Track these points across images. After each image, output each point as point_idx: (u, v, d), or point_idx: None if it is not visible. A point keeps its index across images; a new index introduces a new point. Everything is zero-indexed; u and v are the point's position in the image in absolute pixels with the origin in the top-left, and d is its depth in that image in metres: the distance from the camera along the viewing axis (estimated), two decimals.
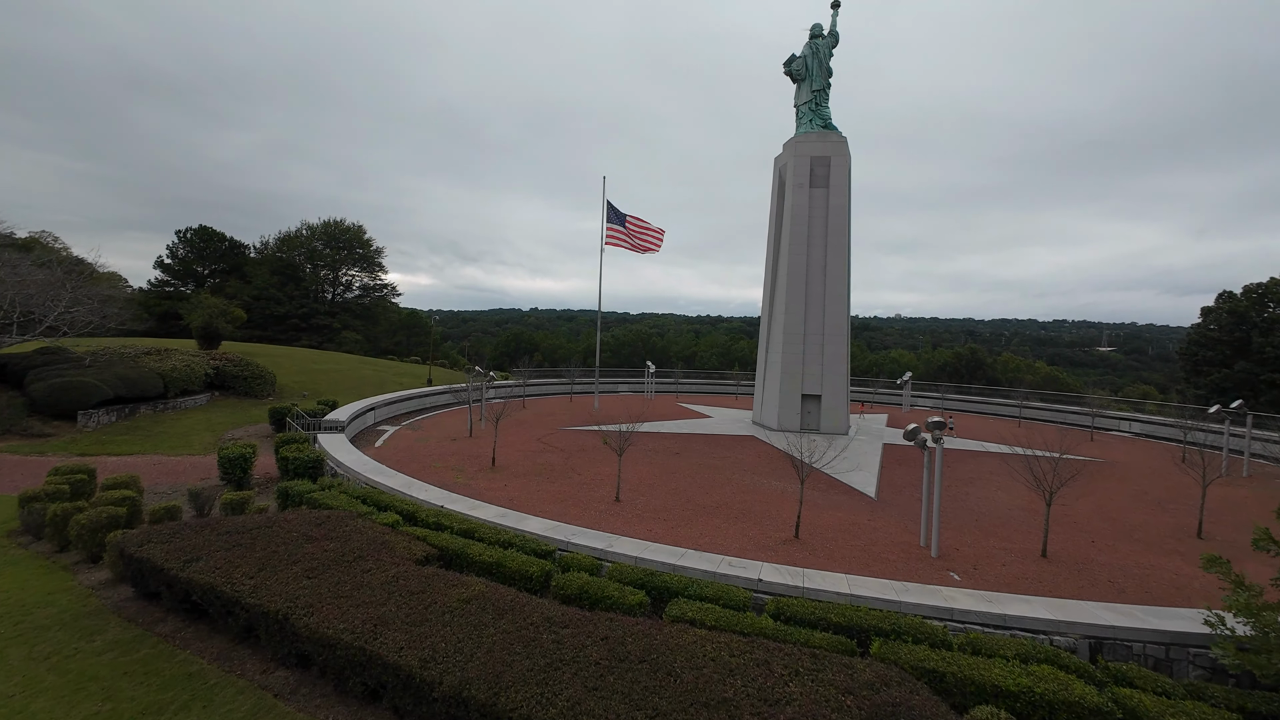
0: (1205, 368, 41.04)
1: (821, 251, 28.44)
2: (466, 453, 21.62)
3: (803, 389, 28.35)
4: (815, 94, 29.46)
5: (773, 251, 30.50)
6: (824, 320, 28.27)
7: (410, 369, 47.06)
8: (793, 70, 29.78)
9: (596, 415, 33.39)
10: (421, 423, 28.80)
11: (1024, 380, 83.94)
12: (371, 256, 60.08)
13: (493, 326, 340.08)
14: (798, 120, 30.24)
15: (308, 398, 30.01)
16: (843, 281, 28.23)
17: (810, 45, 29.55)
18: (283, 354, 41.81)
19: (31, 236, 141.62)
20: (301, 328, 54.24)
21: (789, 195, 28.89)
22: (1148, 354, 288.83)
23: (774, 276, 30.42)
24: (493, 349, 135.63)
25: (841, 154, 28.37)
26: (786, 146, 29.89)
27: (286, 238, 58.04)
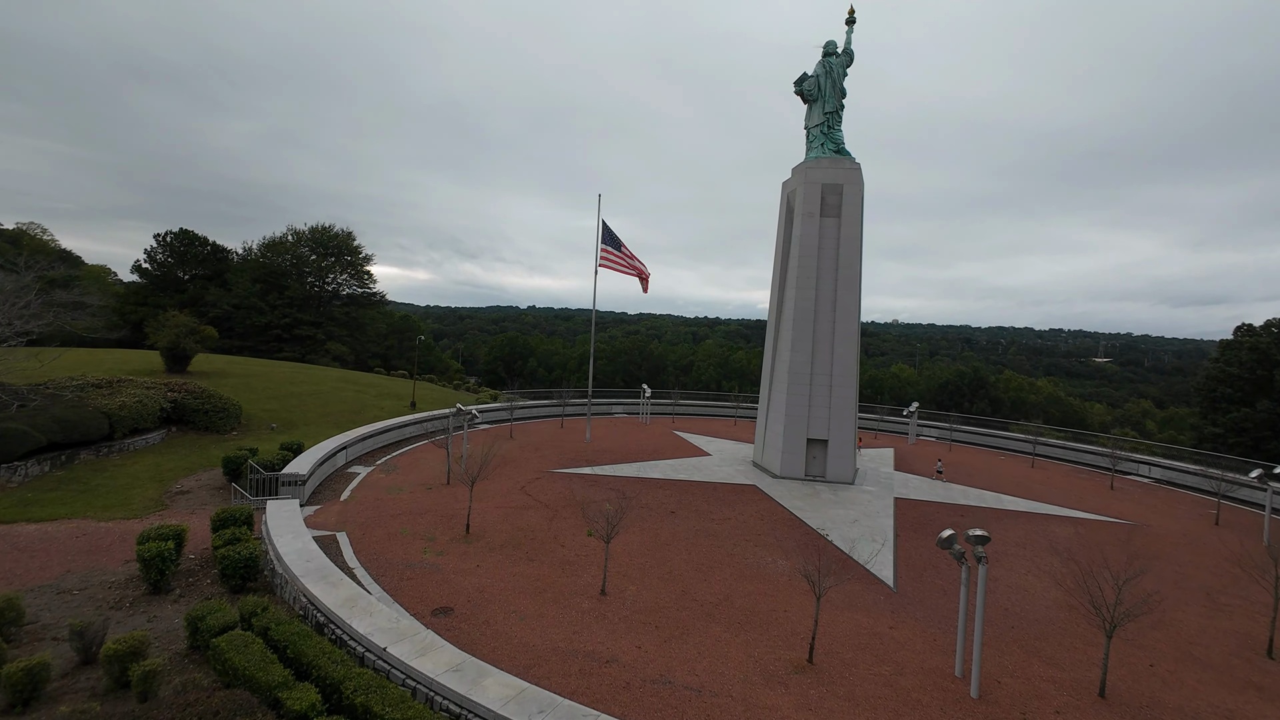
0: (1224, 405, 39.38)
1: (831, 286, 26.52)
2: (441, 509, 19.59)
3: (808, 433, 26.42)
4: (828, 116, 27.53)
5: (779, 283, 28.55)
6: (832, 361, 26.35)
7: (395, 387, 44.94)
8: (804, 90, 27.84)
9: (588, 450, 31.41)
10: (398, 461, 26.74)
11: (1027, 402, 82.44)
12: (360, 264, 57.84)
13: (489, 325, 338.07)
14: (808, 143, 28.31)
15: (276, 431, 27.90)
16: (854, 319, 26.31)
17: (823, 64, 27.62)
18: (259, 372, 39.63)
19: (19, 228, 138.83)
20: (284, 338, 52.01)
21: (798, 224, 26.96)
22: (1144, 365, 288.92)
23: (779, 310, 28.48)
24: (487, 353, 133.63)
25: (855, 182, 26.45)
26: (796, 172, 27.95)
27: (272, 243, 55.70)
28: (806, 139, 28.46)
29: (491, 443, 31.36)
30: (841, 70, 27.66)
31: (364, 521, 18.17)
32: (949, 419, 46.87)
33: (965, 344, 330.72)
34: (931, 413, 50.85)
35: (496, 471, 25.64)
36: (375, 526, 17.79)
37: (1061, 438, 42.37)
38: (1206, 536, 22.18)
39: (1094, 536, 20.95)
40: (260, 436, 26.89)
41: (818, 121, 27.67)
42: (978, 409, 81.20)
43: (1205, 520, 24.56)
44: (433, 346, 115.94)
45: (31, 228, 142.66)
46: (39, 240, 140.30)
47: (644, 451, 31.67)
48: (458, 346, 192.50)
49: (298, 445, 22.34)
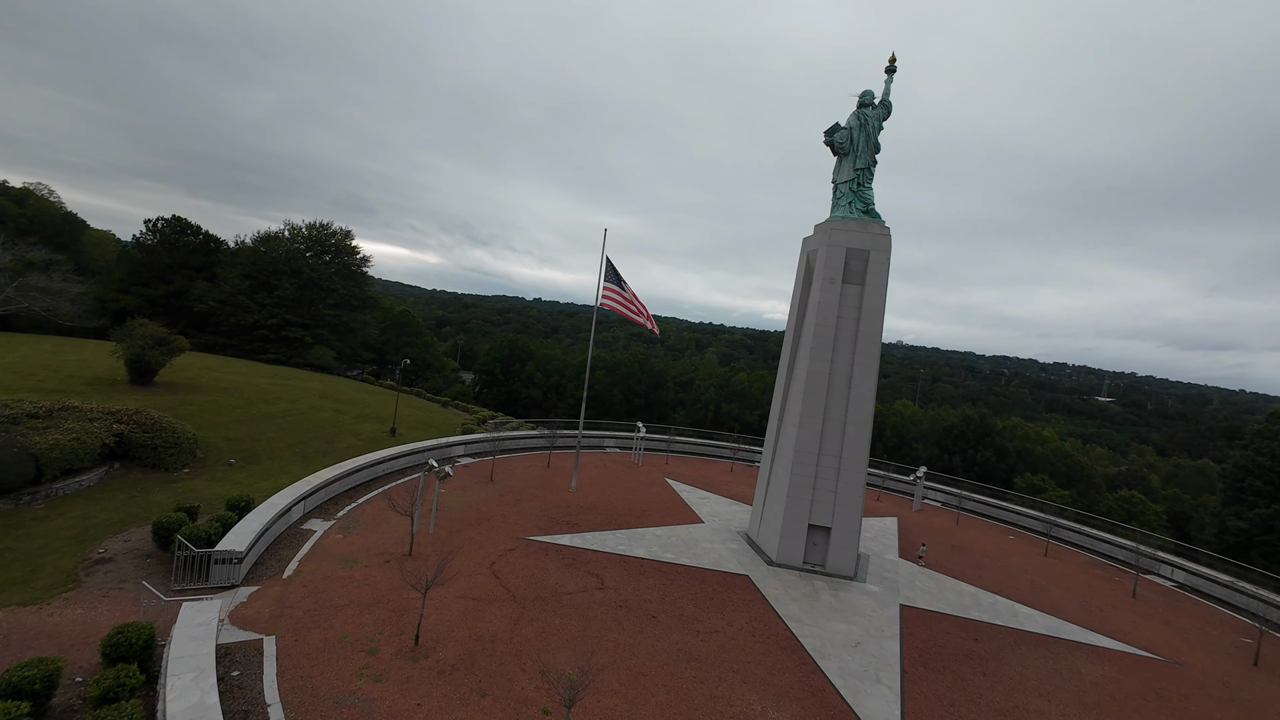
0: (1251, 498, 37.06)
1: (848, 361, 24.27)
2: (394, 600, 17.38)
3: (810, 518, 24.19)
4: (859, 173, 25.26)
5: (790, 347, 26.29)
6: (843, 443, 24.10)
7: (377, 405, 42.70)
8: (835, 142, 25.55)
9: (572, 503, 29.21)
10: (363, 513, 24.53)
11: (1033, 454, 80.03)
12: (356, 266, 55.57)
13: (493, 315, 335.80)
14: (834, 200, 26.05)
15: (234, 467, 25.70)
16: (869, 400, 24.05)
17: (858, 116, 25.35)
18: (233, 385, 37.44)
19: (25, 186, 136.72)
20: (270, 339, 49.86)
21: (817, 289, 24.69)
22: (1146, 408, 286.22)
23: (789, 377, 26.24)
24: (486, 353, 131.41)
25: (882, 249, 24.19)
26: (819, 230, 25.69)
27: (266, 237, 53.48)
28: (833, 194, 26.20)
29: (469, 488, 29.19)
30: (878, 123, 25.41)
31: (302, 617, 15.97)
32: (959, 483, 44.57)
33: (969, 372, 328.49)
34: (938, 474, 48.59)
35: (468, 533, 23.47)
36: (313, 626, 15.59)
37: (1074, 514, 40.06)
38: (1247, 687, 19.87)
39: (1127, 683, 18.69)
40: (215, 474, 24.71)
41: (847, 178, 25.40)
42: (982, 458, 78.96)
43: (1243, 658, 22.24)
44: (431, 344, 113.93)
45: (38, 188, 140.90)
46: (45, 201, 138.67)
47: (632, 510, 29.46)
48: (458, 340, 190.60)
49: (246, 502, 20.15)
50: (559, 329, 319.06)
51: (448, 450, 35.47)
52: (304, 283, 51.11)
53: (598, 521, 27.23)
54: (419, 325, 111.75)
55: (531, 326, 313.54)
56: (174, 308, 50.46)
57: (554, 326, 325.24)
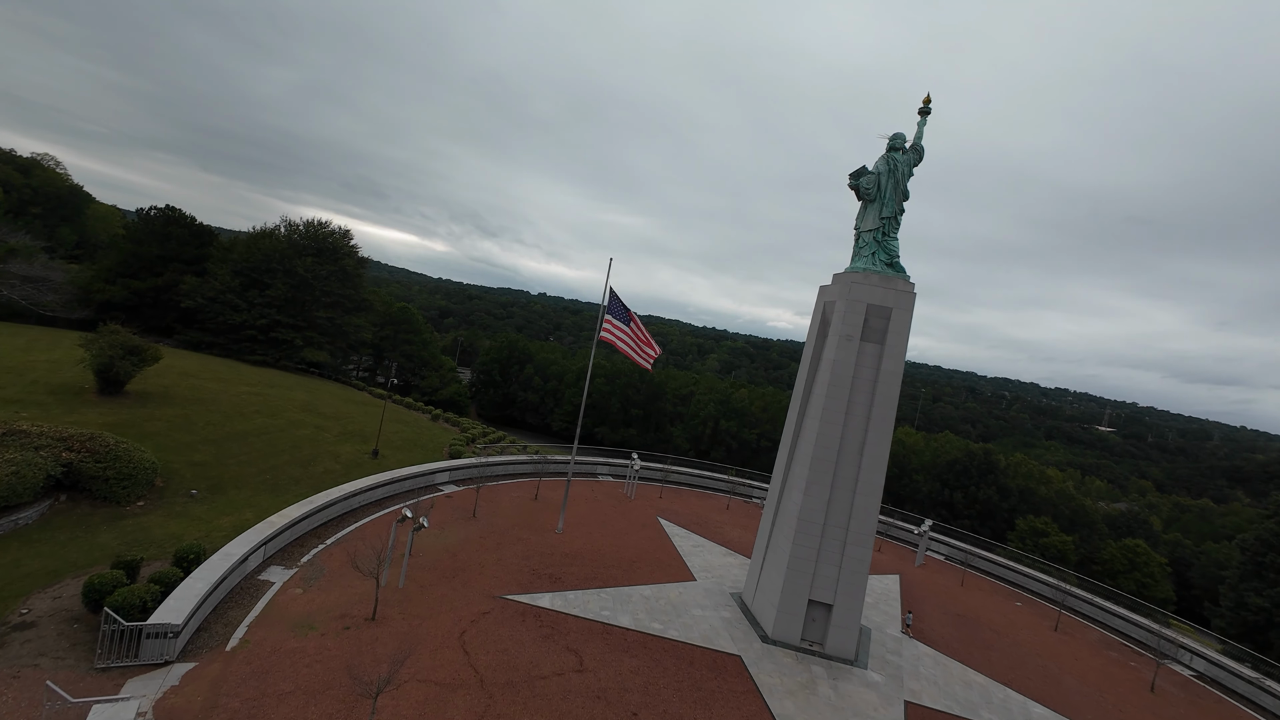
0: (1272, 575, 35.19)
1: (862, 425, 22.44)
2: (344, 690, 15.56)
3: (810, 593, 22.37)
4: (884, 222, 23.43)
5: (800, 404, 24.46)
6: (850, 515, 22.27)
7: (363, 420, 40.86)
8: (860, 186, 23.71)
9: (557, 549, 27.43)
10: (329, 558, 22.74)
11: (1037, 494, 78.00)
12: (353, 269, 53.75)
13: (497, 308, 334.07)
14: (856, 248, 24.21)
15: (195, 499, 23.92)
16: (880, 469, 22.23)
17: (887, 160, 23.52)
18: (210, 395, 35.66)
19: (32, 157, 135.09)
20: (259, 340, 48.07)
21: (832, 346, 22.85)
22: (1146, 440, 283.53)
23: (796, 435, 24.41)
24: (484, 354, 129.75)
25: (905, 307, 22.36)
26: (838, 281, 23.85)
27: (261, 234, 51.65)
28: (855, 242, 24.35)
29: (449, 526, 27.38)
30: (908, 170, 23.60)
31: (238, 709, 14.18)
32: (964, 536, 42.73)
33: (969, 393, 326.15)
34: (941, 520, 46.74)
35: (441, 588, 21.68)
36: None
37: (1083, 581, 38.22)
38: None
39: None
40: (173, 508, 22.93)
41: (871, 226, 23.56)
42: (984, 495, 77.12)
43: None
44: (429, 341, 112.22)
45: (45, 158, 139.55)
46: (51, 172, 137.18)
47: (620, 560, 27.66)
48: (459, 335, 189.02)
49: (196, 554, 18.37)
50: (561, 326, 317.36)
51: (431, 478, 33.73)
52: (297, 283, 49.34)
53: (582, 575, 25.45)
54: (418, 322, 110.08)
55: (534, 322, 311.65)
56: (161, 302, 48.82)
57: (556, 323, 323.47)
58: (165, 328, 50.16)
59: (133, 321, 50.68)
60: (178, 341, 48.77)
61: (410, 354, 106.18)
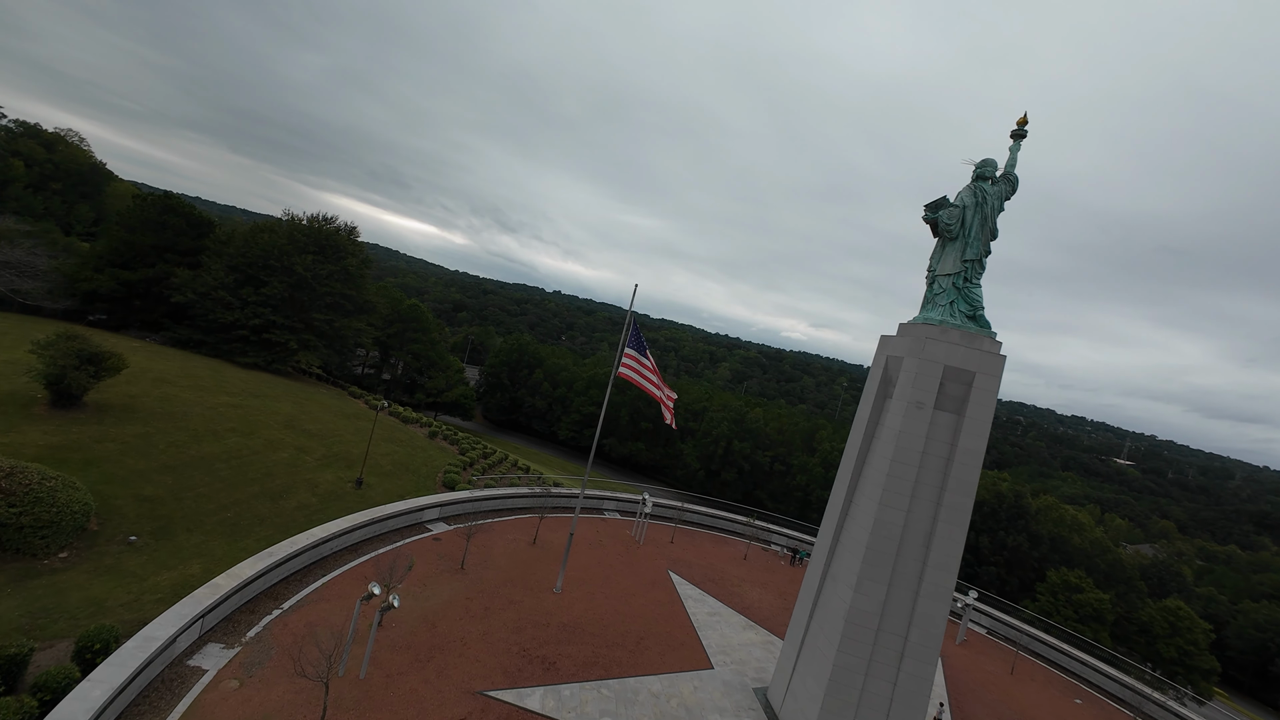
0: None
1: (930, 512, 18.48)
2: None
3: (856, 714, 18.40)
4: (967, 266, 19.46)
5: (851, 477, 20.52)
6: (911, 622, 18.29)
7: (349, 440, 37.42)
8: (940, 221, 19.74)
9: (553, 616, 23.71)
10: (279, 633, 19.17)
11: (1069, 543, 72.92)
12: (356, 270, 50.53)
13: (511, 305, 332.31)
14: (930, 295, 20.23)
15: (134, 547, 20.48)
16: (951, 570, 18.24)
17: (974, 191, 19.57)
18: (181, 406, 32.40)
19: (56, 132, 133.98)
20: (251, 341, 45.00)
21: (897, 412, 18.91)
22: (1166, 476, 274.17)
23: (845, 514, 20.48)
24: (493, 356, 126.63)
25: (992, 372, 18.37)
26: (907, 334, 19.89)
27: (261, 227, 48.63)
28: (929, 288, 20.38)
29: (432, 581, 23.70)
30: (999, 203, 19.66)
31: None
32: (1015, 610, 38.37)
33: None
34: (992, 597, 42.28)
35: (410, 678, 18.01)
36: None
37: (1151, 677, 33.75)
38: None
39: None
40: (103, 560, 19.50)
41: (952, 270, 19.58)
42: (1013, 542, 72.35)
43: None
44: (437, 341, 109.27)
45: (69, 134, 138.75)
46: (75, 148, 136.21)
47: (626, 635, 23.89)
48: (470, 333, 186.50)
49: (106, 641, 14.85)
50: (574, 325, 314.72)
51: (420, 515, 30.19)
52: (295, 282, 46.23)
53: (582, 658, 21.72)
54: (427, 320, 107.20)
55: (547, 321, 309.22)
56: (151, 295, 45.93)
57: (569, 323, 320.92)
58: (154, 323, 47.29)
59: (120, 314, 47.93)
60: (165, 339, 45.82)
61: (418, 353, 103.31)
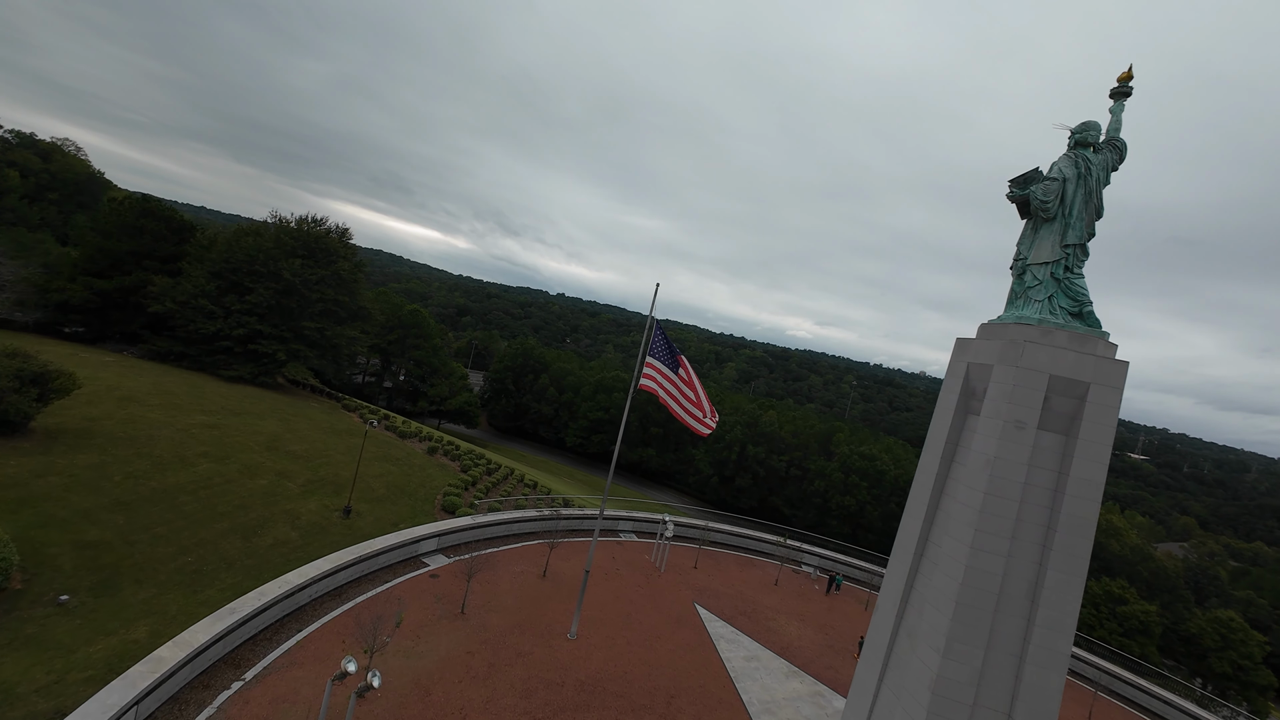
0: None
1: (1035, 558, 14.93)
2: None
3: None
4: (1069, 252, 15.91)
5: (926, 511, 16.98)
6: (1017, 694, 14.73)
7: (339, 461, 34.20)
8: (1032, 197, 16.17)
9: (568, 671, 20.27)
10: (246, 707, 15.78)
11: (1108, 549, 68.88)
12: (349, 274, 47.34)
13: (515, 308, 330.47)
14: (1019, 290, 16.68)
15: (67, 606, 17.16)
16: (1066, 630, 14.64)
17: (1074, 160, 16.01)
18: (147, 429, 29.15)
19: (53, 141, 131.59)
20: (235, 352, 41.87)
21: (989, 434, 15.35)
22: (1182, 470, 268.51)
23: (919, 555, 16.94)
24: (497, 361, 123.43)
25: (1112, 382, 14.83)
26: (994, 335, 16.35)
27: (246, 230, 45.47)
28: (1017, 280, 16.83)
29: (426, 630, 20.25)
30: (1104, 174, 16.09)
31: None
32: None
33: None
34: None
35: None
36: None
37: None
38: None
39: None
40: (22, 628, 16.12)
41: (1049, 257, 16.02)
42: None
43: None
44: (440, 347, 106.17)
45: (65, 144, 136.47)
46: (71, 158, 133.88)
47: (654, 695, 20.42)
48: (474, 338, 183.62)
49: None
50: (578, 328, 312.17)
51: (415, 548, 26.83)
52: (283, 289, 43.07)
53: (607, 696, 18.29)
54: (429, 326, 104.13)
55: (551, 324, 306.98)
56: (128, 305, 42.90)
57: (574, 325, 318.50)
58: (132, 334, 44.24)
59: (97, 326, 44.90)
60: (143, 351, 42.75)
61: (420, 360, 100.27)
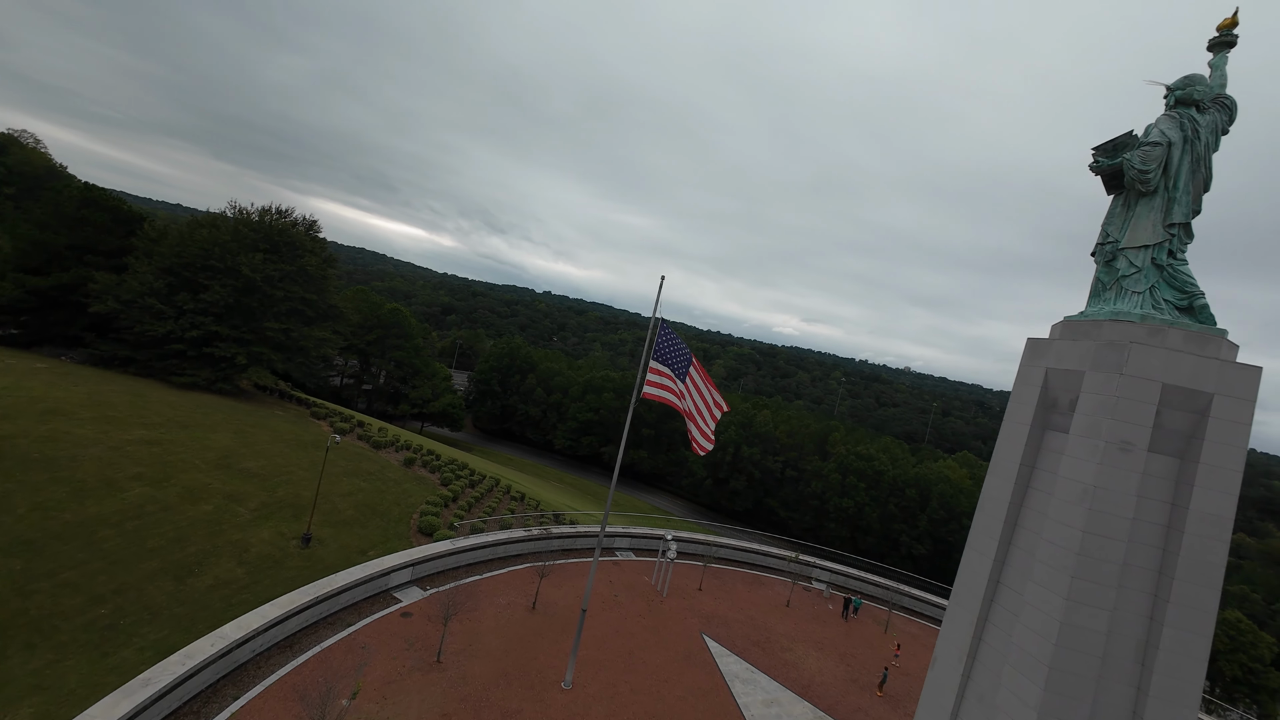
0: None
1: (1146, 609, 12.10)
2: None
3: None
4: (1173, 232, 13.04)
5: (998, 545, 14.05)
6: None
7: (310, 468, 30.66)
8: (1129, 166, 13.24)
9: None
10: None
11: None
12: (317, 270, 43.33)
13: (501, 306, 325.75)
14: (1110, 281, 13.74)
15: None
16: (1190, 702, 11.81)
17: (1178, 121, 13.16)
18: (72, 447, 25.28)
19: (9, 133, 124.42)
20: (189, 357, 37.88)
21: (1085, 456, 12.43)
22: None
23: (989, 601, 14.04)
24: (483, 362, 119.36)
25: (1240, 391, 11.98)
26: (1082, 334, 13.43)
27: (200, 222, 41.24)
28: (1104, 268, 13.89)
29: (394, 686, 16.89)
30: (1215, 137, 13.28)
31: None
32: None
33: (978, 407, 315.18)
34: None
35: None
36: None
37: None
38: None
39: None
40: None
41: (1149, 239, 13.13)
42: None
43: None
44: (421, 347, 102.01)
45: (23, 135, 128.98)
46: (30, 150, 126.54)
47: None
48: (458, 337, 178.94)
49: None
50: (565, 327, 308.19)
51: (385, 580, 23.46)
52: (243, 286, 39.13)
53: None
54: (410, 325, 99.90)
55: (538, 322, 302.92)
56: (68, 304, 38.62)
57: (561, 323, 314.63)
58: (72, 338, 40.03)
59: (36, 329, 40.59)
60: (84, 356, 38.62)
61: (401, 361, 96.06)
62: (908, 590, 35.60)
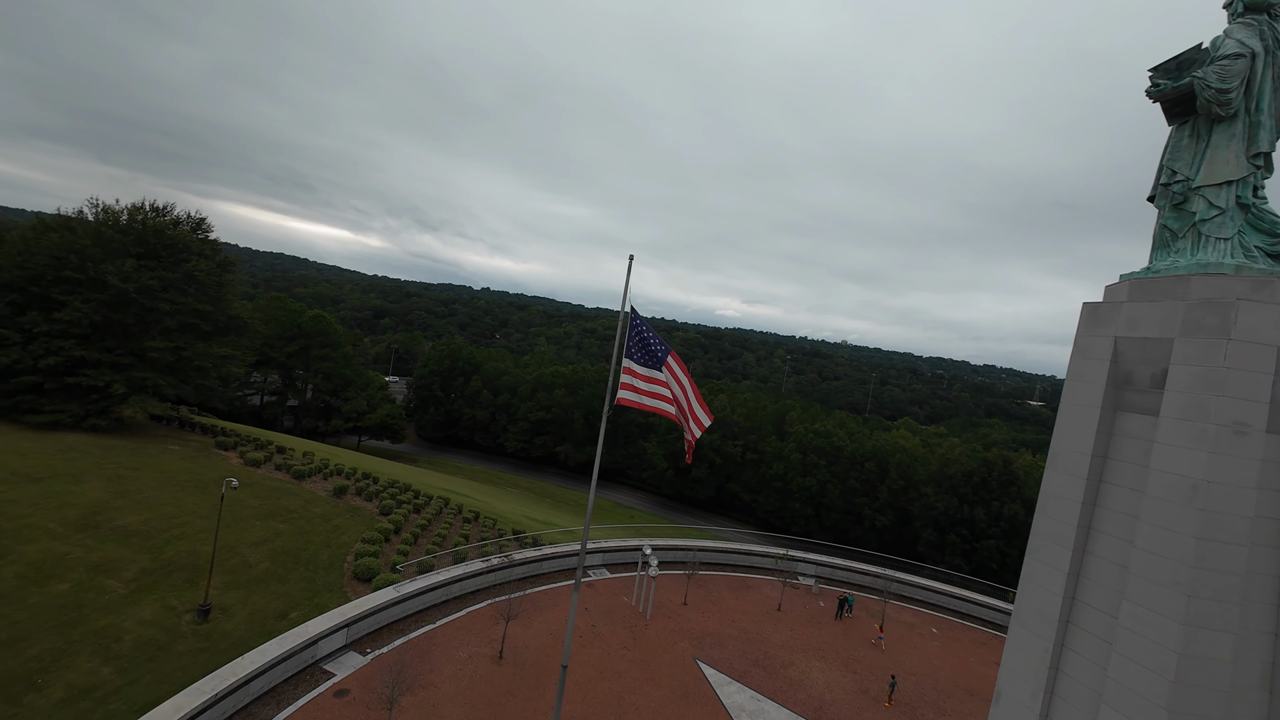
0: None
1: (1271, 627, 9.84)
2: None
3: None
4: (1259, 163, 10.82)
5: (1073, 553, 11.62)
6: None
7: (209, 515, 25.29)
8: (1203, 85, 10.86)
9: None
10: None
11: None
12: (209, 275, 36.63)
13: (438, 306, 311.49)
14: (1182, 228, 11.44)
15: None
16: None
17: (1256, 28, 10.95)
18: None
19: None
20: (47, 390, 30.90)
21: (1180, 444, 10.06)
22: None
23: (1066, 621, 11.65)
24: (422, 366, 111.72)
25: None
26: (1159, 294, 11.03)
27: (49, 225, 33.59)
28: (1171, 213, 11.59)
29: None
30: None
31: None
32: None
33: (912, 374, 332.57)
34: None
35: None
36: None
37: None
38: None
39: None
40: None
41: (1232, 174, 10.86)
42: (1009, 511, 68.62)
43: None
44: (351, 356, 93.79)
45: None
46: None
47: None
48: (394, 341, 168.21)
49: None
50: (508, 323, 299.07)
51: (312, 652, 18.98)
52: (112, 299, 32.39)
53: None
54: (336, 332, 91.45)
55: (478, 320, 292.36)
56: None
57: (502, 320, 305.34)
58: None
59: None
60: None
61: (328, 372, 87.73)
62: (895, 575, 34.15)
